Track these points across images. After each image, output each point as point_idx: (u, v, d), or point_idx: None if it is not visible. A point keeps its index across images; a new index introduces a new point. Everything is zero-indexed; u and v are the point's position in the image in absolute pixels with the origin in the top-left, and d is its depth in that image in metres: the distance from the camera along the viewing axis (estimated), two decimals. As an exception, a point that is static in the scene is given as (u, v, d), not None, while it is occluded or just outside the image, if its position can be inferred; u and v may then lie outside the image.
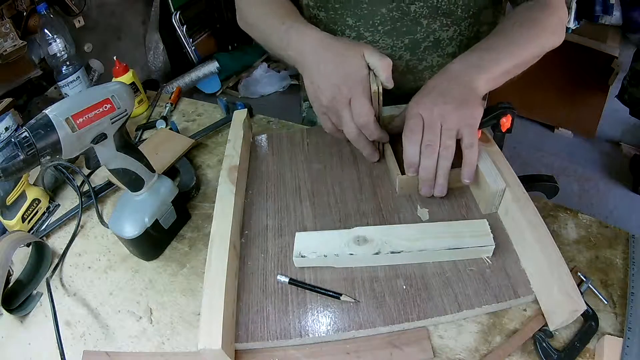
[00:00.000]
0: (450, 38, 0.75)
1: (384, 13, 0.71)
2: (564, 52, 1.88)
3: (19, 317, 0.59)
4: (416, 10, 0.71)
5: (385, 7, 0.71)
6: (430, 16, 0.71)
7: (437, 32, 0.74)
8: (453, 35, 0.75)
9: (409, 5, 0.70)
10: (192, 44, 2.48)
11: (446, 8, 0.70)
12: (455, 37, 0.75)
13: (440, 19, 0.72)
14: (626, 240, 0.58)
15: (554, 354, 0.46)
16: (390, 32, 0.74)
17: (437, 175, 0.57)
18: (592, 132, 2.08)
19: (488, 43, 0.62)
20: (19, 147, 0.43)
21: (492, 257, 0.53)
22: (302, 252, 0.54)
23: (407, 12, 0.71)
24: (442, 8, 0.70)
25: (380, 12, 0.71)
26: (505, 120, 0.61)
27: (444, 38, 0.75)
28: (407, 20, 0.72)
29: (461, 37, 0.75)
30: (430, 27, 0.73)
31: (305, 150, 0.73)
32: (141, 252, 0.62)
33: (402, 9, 0.71)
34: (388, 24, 0.73)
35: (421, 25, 0.73)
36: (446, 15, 0.71)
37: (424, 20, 0.72)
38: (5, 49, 1.07)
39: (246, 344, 0.49)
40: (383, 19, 0.72)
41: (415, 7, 0.70)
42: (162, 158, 0.76)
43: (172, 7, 2.31)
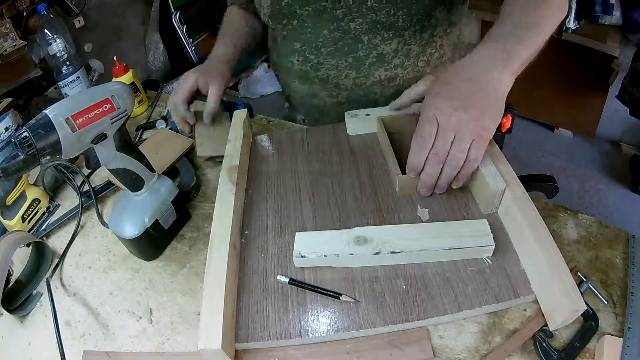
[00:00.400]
0: (394, 50, 0.74)
1: (325, 35, 0.73)
2: (564, 52, 1.88)
3: (19, 317, 0.59)
4: (356, 27, 0.71)
5: (326, 28, 0.72)
6: (370, 32, 0.72)
7: (380, 46, 0.73)
8: (397, 47, 0.74)
9: (348, 23, 0.70)
10: (192, 44, 2.47)
11: (386, 21, 0.70)
12: (400, 48, 0.74)
13: (381, 33, 0.72)
14: (626, 240, 0.58)
15: (554, 354, 0.46)
16: (333, 53, 0.75)
17: (439, 179, 0.56)
18: (592, 132, 2.08)
19: (503, 30, 0.58)
20: (19, 147, 0.43)
21: (492, 257, 0.53)
22: (302, 252, 0.54)
23: (347, 31, 0.71)
24: (382, 22, 0.70)
25: (322, 34, 0.73)
26: (505, 120, 0.61)
27: (387, 52, 0.74)
28: (348, 38, 0.72)
29: (407, 47, 0.74)
30: (371, 43, 0.73)
31: (305, 150, 0.73)
32: (141, 252, 0.62)
33: (342, 28, 0.71)
34: (330, 45, 0.74)
35: (362, 42, 0.73)
36: (386, 28, 0.71)
37: (364, 36, 0.72)
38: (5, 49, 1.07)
39: (246, 344, 0.49)
40: (325, 41, 0.73)
41: (355, 24, 0.71)
42: (162, 158, 0.76)
43: (172, 7, 2.31)
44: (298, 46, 0.76)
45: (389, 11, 0.69)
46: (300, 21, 0.72)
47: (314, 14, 0.71)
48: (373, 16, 0.69)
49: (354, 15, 0.69)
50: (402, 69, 0.77)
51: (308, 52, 0.76)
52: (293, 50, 0.77)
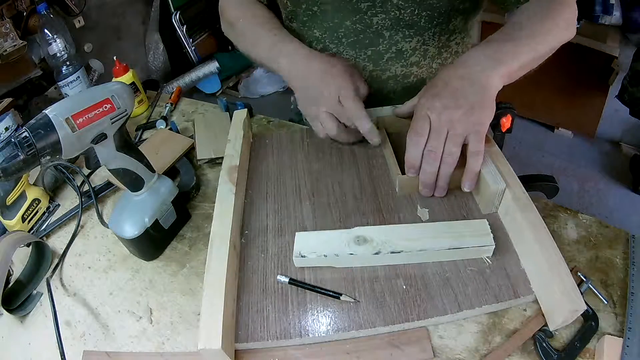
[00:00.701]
0: (413, 49, 0.75)
1: (347, 25, 0.72)
2: (564, 52, 1.87)
3: (19, 317, 0.59)
4: (378, 22, 0.71)
5: (349, 19, 0.71)
6: (392, 28, 0.72)
7: (400, 43, 0.74)
8: (416, 45, 0.75)
9: (371, 17, 0.70)
10: (192, 44, 2.48)
11: (409, 19, 0.70)
12: (419, 47, 0.75)
13: (402, 30, 0.72)
14: (626, 240, 0.58)
15: (554, 354, 0.46)
16: (353, 44, 0.75)
17: (438, 179, 0.57)
18: (592, 132, 2.08)
19: (504, 34, 0.60)
20: (19, 147, 0.43)
21: (492, 257, 0.53)
22: (302, 252, 0.54)
23: (369, 25, 0.71)
24: (405, 20, 0.70)
25: (345, 24, 0.72)
26: (505, 120, 0.61)
27: (406, 49, 0.75)
28: (370, 32, 0.72)
29: (425, 47, 0.75)
30: (392, 39, 0.73)
31: (305, 150, 0.73)
32: (141, 252, 0.62)
33: (365, 22, 0.71)
34: (351, 36, 0.73)
35: (383, 37, 0.73)
36: (408, 26, 0.71)
37: (386, 32, 0.72)
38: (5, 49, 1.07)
39: (246, 344, 0.49)
40: (347, 32, 0.73)
41: (378, 19, 0.71)
42: (162, 158, 0.76)
43: (172, 7, 2.32)
44: (318, 34, 0.75)
45: (413, 10, 0.69)
46: (322, 9, 0.72)
47: (338, 3, 0.70)
48: (397, 13, 0.69)
49: (377, 10, 0.70)
50: (417, 67, 0.77)
51: (329, 40, 0.75)
52: (312, 37, 0.77)
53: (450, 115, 0.54)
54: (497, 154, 0.60)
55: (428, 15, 0.70)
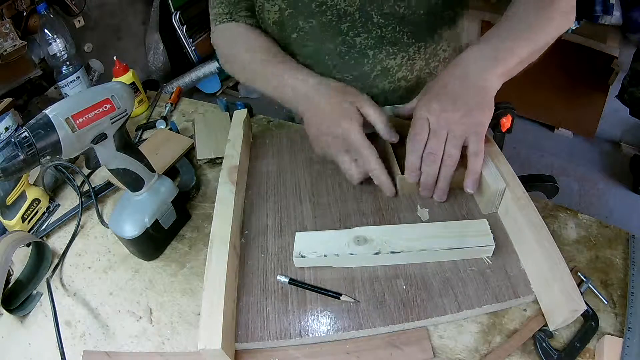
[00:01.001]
0: (398, 65, 0.74)
1: (331, 48, 0.72)
2: (564, 52, 1.88)
3: (19, 317, 0.59)
4: (362, 42, 0.70)
5: (332, 42, 0.71)
6: (375, 47, 0.71)
7: (385, 61, 0.73)
8: (402, 62, 0.74)
9: (354, 38, 0.70)
10: (192, 44, 2.48)
11: (391, 37, 0.70)
12: (404, 62, 0.74)
13: (386, 48, 0.71)
14: (626, 240, 0.58)
15: (554, 354, 0.46)
16: (339, 67, 0.74)
17: (438, 180, 0.57)
18: (592, 132, 2.08)
19: (501, 30, 0.58)
20: (19, 147, 0.43)
21: (492, 257, 0.53)
22: (302, 252, 0.54)
23: (352, 45, 0.71)
24: (387, 37, 0.70)
25: (328, 47, 0.72)
26: (505, 120, 0.61)
27: (392, 66, 0.74)
28: (354, 52, 0.72)
29: (411, 62, 0.75)
30: (377, 57, 0.73)
31: (306, 150, 0.73)
32: (141, 252, 0.62)
33: (348, 43, 0.71)
34: (336, 59, 0.73)
35: (368, 56, 0.72)
36: (392, 44, 0.71)
37: (369, 51, 0.72)
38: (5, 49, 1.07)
39: (246, 344, 0.49)
40: (331, 54, 0.73)
41: (361, 39, 0.70)
42: (162, 158, 0.76)
43: (172, 7, 2.31)
44: (301, 59, 0.74)
45: (394, 28, 0.69)
46: (301, 34, 0.71)
47: (319, 27, 0.70)
48: (378, 32, 0.69)
49: (359, 30, 0.69)
50: (405, 81, 0.77)
51: (314, 65, 0.73)
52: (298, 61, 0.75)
53: (449, 118, 0.53)
54: (497, 154, 0.60)
55: (410, 31, 0.70)
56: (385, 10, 0.66)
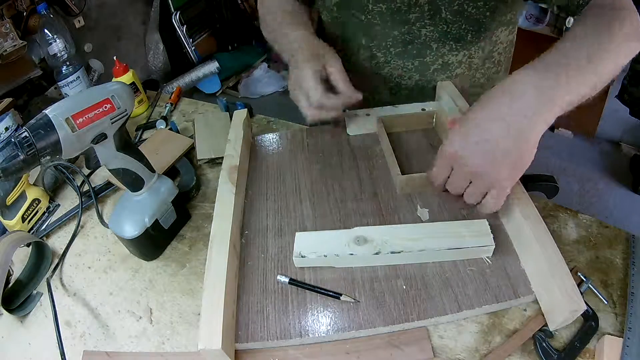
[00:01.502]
0: (459, 61, 0.76)
1: (396, 35, 0.73)
2: (564, 52, 1.88)
3: (19, 317, 0.59)
4: (427, 34, 0.72)
5: (397, 30, 0.72)
6: (439, 40, 0.72)
7: (446, 55, 0.75)
8: (462, 59, 0.76)
9: (419, 29, 0.71)
10: (192, 44, 2.48)
11: (456, 33, 0.71)
12: (464, 60, 0.76)
13: (449, 43, 0.73)
14: (626, 240, 0.58)
15: (554, 354, 0.46)
16: (401, 54, 0.75)
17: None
18: (592, 132, 2.08)
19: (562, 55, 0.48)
20: (19, 147, 0.43)
21: (492, 257, 0.53)
22: (302, 252, 0.54)
23: (417, 36, 0.72)
24: (452, 33, 0.71)
25: (393, 34, 0.73)
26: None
27: (452, 61, 0.76)
28: (418, 43, 0.73)
29: (470, 60, 0.76)
30: (439, 51, 0.74)
31: (305, 150, 0.73)
32: (141, 252, 0.62)
33: (414, 33, 0.72)
34: (399, 46, 0.74)
35: (431, 49, 0.74)
36: (456, 40, 0.72)
37: (434, 44, 0.73)
38: (5, 49, 1.07)
39: (246, 344, 0.49)
40: (395, 41, 0.74)
41: (426, 31, 0.71)
42: (162, 158, 0.76)
43: (172, 7, 2.31)
44: (364, 41, 0.76)
45: (460, 25, 0.70)
46: (369, 17, 0.72)
47: (387, 13, 0.71)
48: (445, 27, 0.70)
49: (426, 22, 0.70)
50: (461, 77, 0.79)
51: (376, 49, 0.76)
52: (359, 44, 0.77)
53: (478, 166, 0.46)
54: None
55: (474, 29, 0.71)
56: (454, 7, 0.68)
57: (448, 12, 0.69)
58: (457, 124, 0.49)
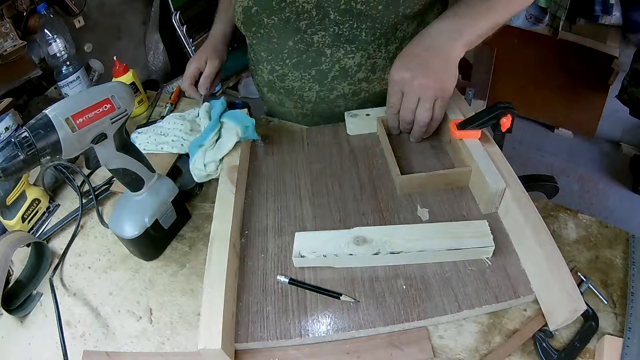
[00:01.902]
0: (357, 64, 0.73)
1: (290, 46, 0.72)
2: (564, 52, 1.88)
3: (19, 317, 0.59)
4: (319, 40, 0.70)
5: (291, 39, 0.71)
6: (333, 45, 0.71)
7: (342, 60, 0.73)
8: (361, 61, 0.73)
9: (311, 36, 0.70)
10: (192, 44, 2.47)
11: (348, 34, 0.69)
12: (364, 62, 0.73)
13: (343, 46, 0.71)
14: (626, 240, 0.58)
15: (554, 354, 0.46)
16: (297, 65, 0.74)
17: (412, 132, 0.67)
18: (592, 132, 2.08)
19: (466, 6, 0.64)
20: (19, 147, 0.43)
21: (493, 257, 0.53)
22: (301, 252, 0.54)
23: (310, 43, 0.71)
24: (344, 35, 0.69)
25: (287, 45, 0.72)
26: (505, 120, 0.61)
27: (350, 65, 0.73)
28: (312, 51, 0.72)
29: (371, 61, 0.73)
30: (334, 56, 0.72)
31: (305, 150, 0.73)
32: (141, 252, 0.62)
33: (306, 41, 0.71)
34: (295, 57, 0.73)
35: (325, 55, 0.72)
36: (349, 41, 0.70)
37: (327, 49, 0.72)
38: (5, 49, 1.07)
39: (246, 344, 0.49)
40: (290, 52, 0.73)
41: (318, 37, 0.70)
42: (162, 158, 0.76)
43: (172, 7, 2.31)
44: (265, 55, 0.76)
45: (351, 24, 0.68)
46: (266, 30, 0.72)
47: (280, 24, 0.70)
48: (335, 29, 0.69)
49: (317, 28, 0.69)
50: (367, 82, 0.76)
51: (274, 62, 0.76)
52: (262, 59, 0.78)
53: (420, 83, 0.60)
54: (497, 154, 0.60)
55: (369, 27, 0.69)
56: (341, 6, 0.66)
57: (337, 13, 0.67)
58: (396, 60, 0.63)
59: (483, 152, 0.59)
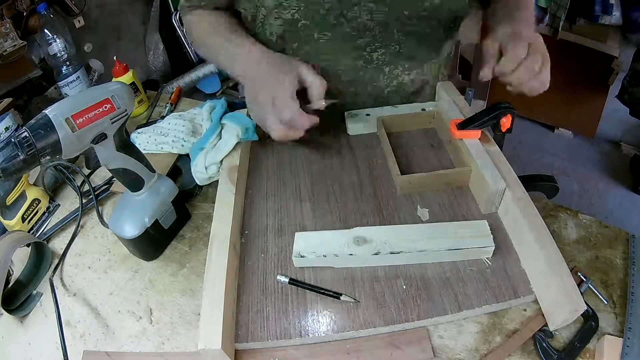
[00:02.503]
0: (412, 80, 0.75)
1: (347, 63, 0.70)
2: (564, 52, 1.88)
3: (19, 317, 0.59)
4: (379, 57, 0.70)
5: (348, 56, 0.69)
6: (392, 63, 0.71)
7: (400, 76, 0.73)
8: (415, 77, 0.75)
9: (370, 53, 0.69)
10: (192, 44, 2.47)
11: (408, 54, 0.70)
12: (418, 78, 0.75)
13: (402, 63, 0.71)
14: (626, 240, 0.58)
15: (554, 354, 0.46)
16: (354, 82, 0.73)
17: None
18: (592, 132, 2.08)
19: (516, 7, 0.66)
20: (19, 147, 0.43)
21: (492, 257, 0.53)
22: (301, 252, 0.54)
23: (369, 61, 0.70)
24: (405, 54, 0.70)
25: (344, 62, 0.70)
26: (505, 120, 0.61)
27: (406, 81, 0.75)
28: (371, 68, 0.71)
29: (423, 78, 0.76)
30: (392, 73, 0.72)
31: (305, 151, 0.73)
32: (141, 252, 0.62)
33: (365, 58, 0.70)
34: (351, 74, 0.71)
35: (384, 72, 0.72)
36: (409, 59, 0.71)
37: (386, 67, 0.71)
38: (5, 49, 1.07)
39: (246, 344, 0.49)
40: (346, 69, 0.71)
41: (378, 54, 0.69)
42: (162, 158, 0.76)
43: (172, 7, 2.31)
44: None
45: (412, 45, 0.69)
46: (314, 47, 0.68)
47: (334, 41, 0.67)
48: (397, 47, 0.69)
49: (377, 46, 0.68)
50: (414, 97, 0.78)
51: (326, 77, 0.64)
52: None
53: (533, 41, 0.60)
54: (497, 154, 0.60)
55: (427, 45, 0.71)
56: (407, 27, 0.65)
57: (400, 33, 0.66)
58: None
59: (483, 152, 0.59)
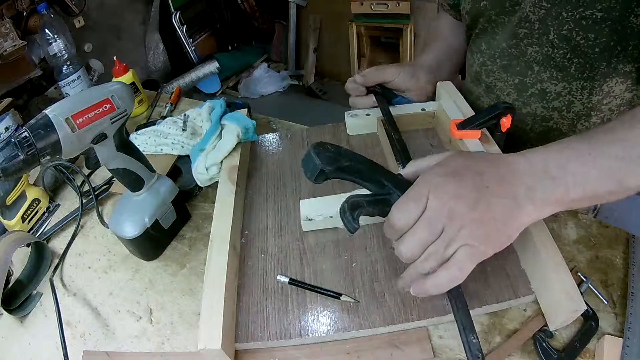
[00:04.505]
0: (557, 93, 0.69)
1: (504, 47, 0.72)
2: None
3: (19, 317, 0.59)
4: (532, 52, 0.68)
5: (506, 42, 0.71)
6: (542, 63, 0.68)
7: (545, 82, 0.70)
8: (562, 91, 0.69)
9: (526, 46, 0.69)
10: (192, 44, 2.48)
11: (559, 61, 0.66)
12: (564, 94, 0.69)
13: (550, 70, 0.68)
14: (626, 240, 0.58)
15: (554, 354, 0.46)
16: (505, 67, 0.74)
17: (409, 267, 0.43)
18: (592, 132, 2.08)
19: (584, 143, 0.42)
20: (19, 147, 0.43)
21: (492, 257, 0.53)
22: (309, 216, 0.56)
23: (523, 52, 0.70)
24: (555, 60, 0.66)
25: (502, 46, 0.72)
26: (505, 120, 0.61)
27: (550, 91, 0.70)
28: (522, 61, 0.71)
29: (570, 97, 0.68)
30: (540, 76, 0.70)
31: (306, 150, 0.73)
32: (141, 252, 0.63)
33: (520, 48, 0.70)
34: (505, 59, 0.73)
35: (532, 70, 0.70)
36: (558, 69, 0.67)
37: (535, 66, 0.69)
38: (5, 49, 1.07)
39: (246, 344, 0.49)
40: (502, 53, 0.73)
41: (532, 49, 0.68)
42: (162, 158, 0.76)
43: (172, 7, 2.32)
44: (483, 48, 0.76)
45: (565, 53, 0.64)
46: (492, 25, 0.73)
47: (504, 24, 0.70)
48: (549, 50, 0.66)
49: (533, 40, 0.67)
50: (559, 114, 0.72)
51: (487, 56, 0.76)
52: (477, 49, 0.78)
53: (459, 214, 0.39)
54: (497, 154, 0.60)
55: (580, 64, 0.64)
56: (563, 31, 0.62)
57: (555, 35, 0.64)
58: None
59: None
